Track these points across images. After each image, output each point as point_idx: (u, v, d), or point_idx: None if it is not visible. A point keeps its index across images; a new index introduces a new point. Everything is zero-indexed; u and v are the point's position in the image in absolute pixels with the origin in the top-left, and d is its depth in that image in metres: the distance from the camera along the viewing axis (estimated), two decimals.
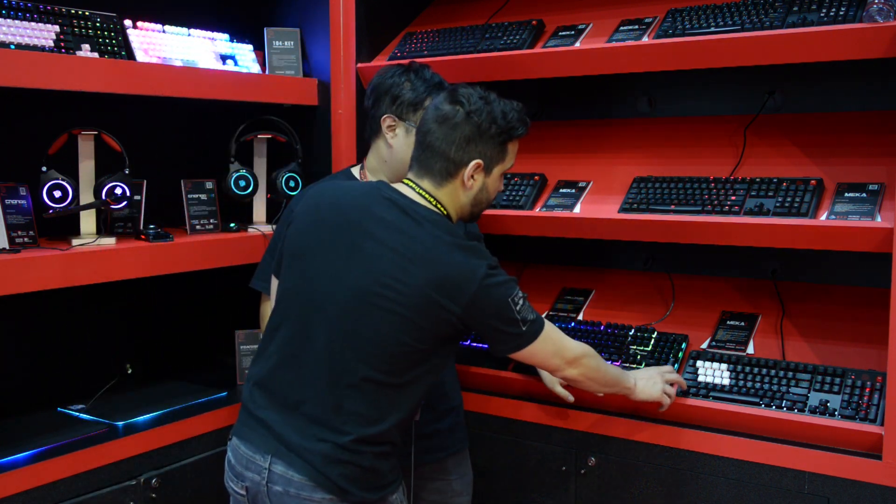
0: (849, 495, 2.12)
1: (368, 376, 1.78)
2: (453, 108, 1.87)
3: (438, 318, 1.78)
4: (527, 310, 1.87)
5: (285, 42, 2.90)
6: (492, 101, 1.89)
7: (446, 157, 1.87)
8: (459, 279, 1.78)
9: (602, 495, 2.46)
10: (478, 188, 1.92)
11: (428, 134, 1.88)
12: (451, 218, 1.92)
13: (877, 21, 2.07)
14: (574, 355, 2.00)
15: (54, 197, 2.25)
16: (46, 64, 2.12)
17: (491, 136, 1.87)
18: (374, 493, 1.83)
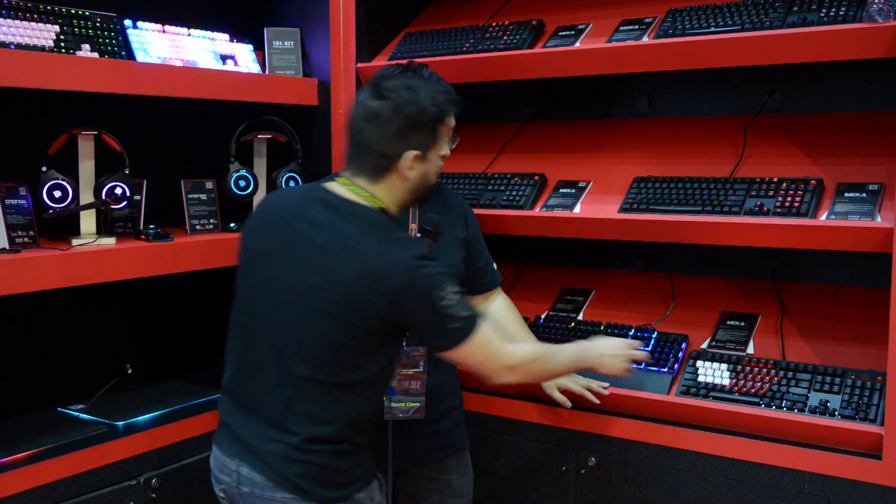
0: (849, 495, 2.12)
1: (312, 377, 1.79)
2: (381, 104, 1.82)
3: (367, 314, 1.76)
4: (459, 307, 1.79)
5: (285, 42, 2.90)
6: (417, 88, 1.84)
7: (380, 154, 1.83)
8: (383, 270, 1.74)
9: (602, 495, 2.46)
10: (418, 178, 1.88)
11: (358, 133, 1.85)
12: (389, 211, 1.88)
13: (877, 21, 2.07)
14: (514, 362, 1.89)
15: (54, 197, 2.25)
16: (46, 64, 2.12)
17: (423, 125, 1.83)
18: (336, 491, 1.83)
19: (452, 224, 2.35)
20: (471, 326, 1.82)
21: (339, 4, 2.83)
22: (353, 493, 1.85)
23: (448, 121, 1.91)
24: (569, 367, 2.08)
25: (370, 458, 1.94)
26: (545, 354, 2.01)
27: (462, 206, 2.43)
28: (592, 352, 2.09)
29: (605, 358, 2.09)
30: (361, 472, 1.89)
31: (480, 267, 2.43)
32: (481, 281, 2.44)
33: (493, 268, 2.49)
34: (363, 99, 1.86)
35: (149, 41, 2.51)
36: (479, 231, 2.45)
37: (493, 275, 2.48)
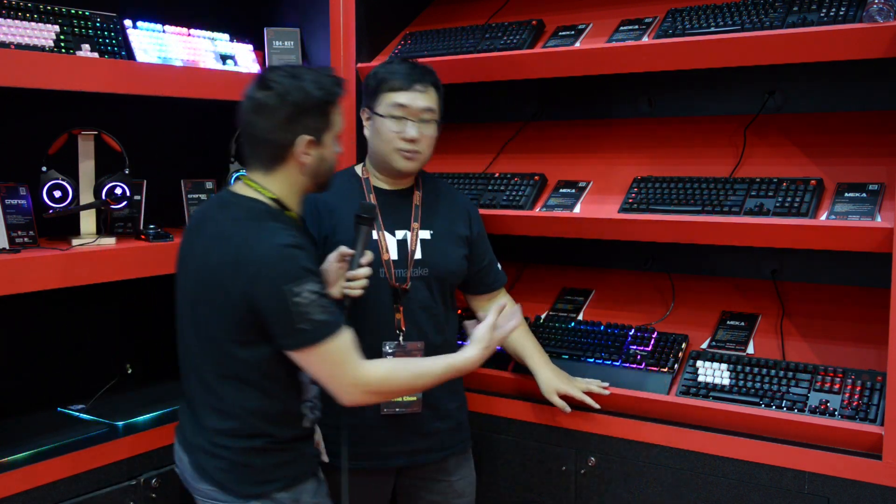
0: (849, 495, 2.12)
1: (210, 370, 1.84)
2: (266, 95, 1.83)
3: (232, 303, 1.77)
4: (314, 308, 1.73)
5: (285, 42, 2.90)
6: (301, 75, 1.85)
7: (272, 144, 1.84)
8: (244, 257, 1.75)
9: (602, 495, 2.46)
10: (315, 163, 1.88)
11: (248, 126, 1.86)
12: (283, 200, 1.87)
13: (877, 21, 2.07)
14: (364, 381, 1.81)
15: (54, 197, 2.25)
16: (46, 64, 2.12)
17: (310, 109, 1.84)
18: (253, 488, 1.84)
19: (454, 221, 2.35)
20: (321, 333, 1.75)
21: (339, 4, 2.84)
22: (272, 493, 1.85)
23: (338, 103, 1.91)
24: (437, 381, 1.94)
25: (306, 458, 1.94)
26: (405, 372, 1.90)
27: (466, 204, 2.44)
28: (461, 359, 1.96)
29: (476, 360, 1.97)
30: (285, 471, 1.87)
31: (484, 266, 2.43)
32: (484, 281, 2.44)
33: (498, 268, 2.49)
34: (250, 92, 1.87)
35: (149, 41, 2.51)
36: (483, 231, 2.45)
37: (496, 275, 2.48)
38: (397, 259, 2.25)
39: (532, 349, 2.45)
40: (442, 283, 2.30)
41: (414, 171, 2.29)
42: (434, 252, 2.28)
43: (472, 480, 2.43)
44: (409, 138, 2.21)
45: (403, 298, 2.23)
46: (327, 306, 1.77)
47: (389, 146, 2.24)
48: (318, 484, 1.97)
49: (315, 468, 1.98)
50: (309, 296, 1.73)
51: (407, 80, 2.23)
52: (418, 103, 2.21)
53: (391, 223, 2.28)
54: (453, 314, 2.40)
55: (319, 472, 2.00)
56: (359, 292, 2.05)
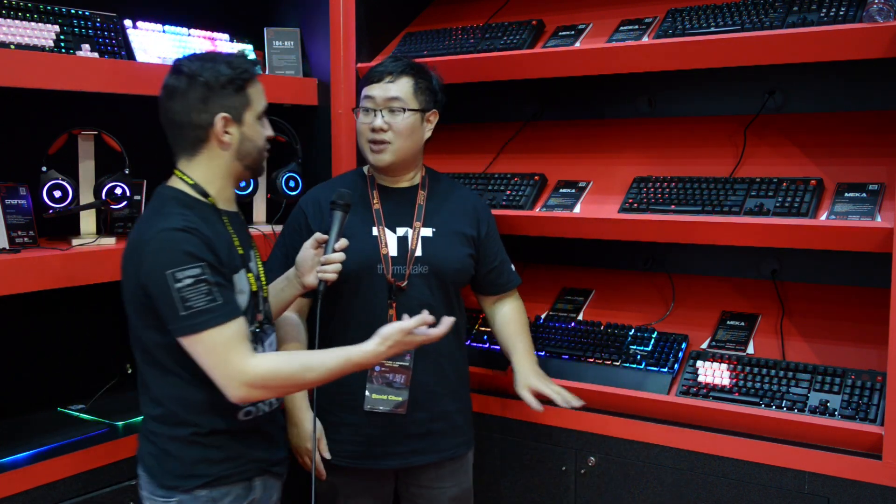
0: (849, 495, 2.12)
1: (139, 357, 1.86)
2: (177, 79, 1.83)
3: (131, 287, 1.78)
4: (196, 295, 1.69)
5: (285, 42, 2.90)
6: (213, 58, 1.86)
7: (191, 125, 1.83)
8: (137, 241, 1.77)
9: (602, 495, 2.46)
10: (237, 142, 1.86)
11: (167, 113, 1.86)
12: (203, 186, 1.86)
13: (877, 21, 2.07)
14: (249, 377, 1.74)
15: (54, 197, 2.25)
16: (46, 64, 2.12)
17: (223, 86, 1.82)
18: (175, 481, 1.83)
19: (460, 221, 2.33)
20: (204, 322, 1.71)
21: (339, 4, 2.83)
22: (194, 489, 1.82)
23: (254, 82, 1.89)
24: (332, 374, 1.83)
25: (238, 458, 1.87)
26: (294, 364, 1.83)
27: (476, 205, 2.40)
28: (359, 352, 1.86)
29: (375, 355, 1.87)
30: (208, 468, 1.83)
31: (495, 268, 2.40)
32: (496, 282, 2.43)
33: (510, 270, 2.46)
34: (165, 81, 1.87)
35: (149, 41, 2.51)
36: (495, 232, 2.43)
37: (508, 277, 2.45)
38: (396, 256, 2.25)
39: (521, 346, 2.42)
40: (443, 282, 2.28)
41: (388, 164, 2.24)
42: (435, 249, 2.27)
43: (468, 487, 2.39)
44: (374, 128, 2.21)
45: (399, 295, 2.23)
46: (214, 294, 1.72)
47: (362, 139, 2.26)
48: (247, 492, 1.89)
49: (251, 473, 1.90)
50: (189, 282, 1.70)
51: (377, 72, 2.24)
52: (385, 93, 2.21)
53: (393, 220, 2.28)
54: (458, 314, 2.35)
55: (259, 480, 1.92)
56: (332, 276, 2.02)
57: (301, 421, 2.24)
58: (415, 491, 2.34)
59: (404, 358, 2.21)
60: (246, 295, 1.88)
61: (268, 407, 1.95)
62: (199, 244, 1.74)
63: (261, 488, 1.93)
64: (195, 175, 1.87)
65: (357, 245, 2.23)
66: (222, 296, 1.75)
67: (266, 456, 1.94)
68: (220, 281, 1.76)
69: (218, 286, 1.74)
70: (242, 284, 1.87)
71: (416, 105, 2.23)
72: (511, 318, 2.45)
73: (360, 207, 2.28)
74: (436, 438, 2.29)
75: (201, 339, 1.72)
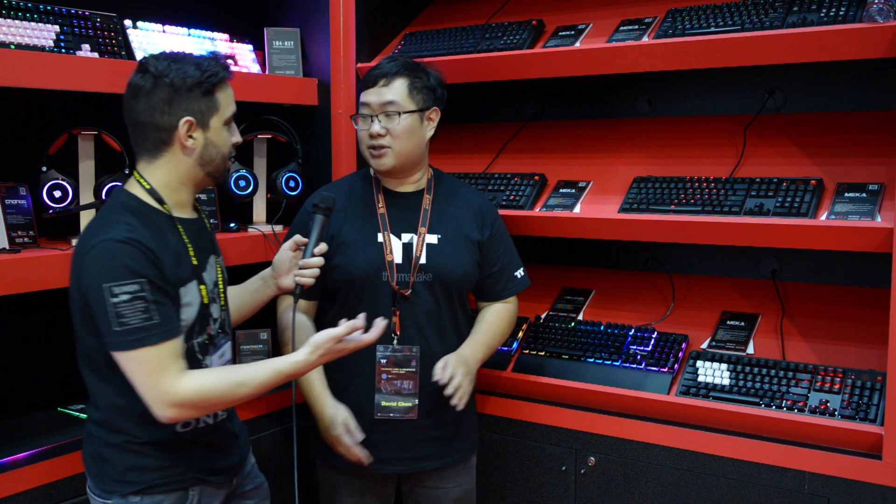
0: (849, 495, 2.12)
1: (82, 362, 1.84)
2: (142, 78, 1.77)
3: (75, 294, 1.76)
4: (131, 312, 1.66)
5: (285, 42, 2.90)
6: (183, 58, 1.79)
7: (154, 127, 1.78)
8: (80, 250, 1.73)
9: (602, 495, 2.46)
10: (201, 147, 1.81)
11: (131, 113, 1.80)
12: (161, 194, 1.81)
13: (877, 21, 2.07)
14: (178, 397, 1.70)
15: (54, 197, 2.25)
16: (46, 64, 2.12)
17: (190, 89, 1.77)
18: (108, 485, 1.81)
19: (465, 224, 2.30)
20: (136, 341, 1.67)
21: (339, 4, 2.83)
22: (128, 494, 1.80)
23: (223, 86, 1.84)
24: (263, 387, 1.80)
25: (173, 468, 1.84)
26: (224, 382, 1.77)
27: (482, 204, 2.36)
28: (288, 363, 1.82)
29: (304, 364, 1.83)
30: (140, 476, 1.81)
31: (493, 273, 2.34)
32: (492, 289, 2.36)
33: (513, 276, 2.38)
34: (129, 78, 1.82)
35: (149, 41, 2.50)
36: (500, 234, 2.37)
37: (505, 285, 2.37)
38: (401, 263, 2.23)
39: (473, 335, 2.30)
40: (448, 290, 2.25)
41: (390, 168, 2.23)
42: (440, 257, 2.24)
43: (470, 489, 2.39)
44: (371, 134, 2.20)
45: (403, 303, 2.21)
46: (150, 312, 1.68)
47: (363, 146, 2.25)
48: (181, 500, 1.85)
49: (187, 483, 1.85)
50: (126, 298, 1.66)
51: (371, 78, 2.23)
52: (379, 98, 2.20)
53: (398, 226, 2.26)
54: (464, 320, 2.33)
55: (195, 490, 1.87)
56: (309, 281, 2.00)
57: (321, 414, 2.21)
58: (418, 491, 2.34)
59: (410, 364, 2.20)
60: (195, 307, 1.82)
61: (211, 419, 1.90)
62: (140, 258, 1.69)
63: (197, 497, 1.88)
64: (153, 179, 1.82)
65: (362, 251, 2.22)
66: (159, 314, 1.70)
67: (206, 465, 1.90)
68: (160, 298, 1.71)
69: (156, 304, 1.70)
70: (191, 296, 1.82)
71: (413, 106, 2.22)
72: (484, 317, 2.35)
73: (366, 212, 2.27)
74: (441, 444, 2.28)
75: (132, 357, 1.69)
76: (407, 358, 2.20)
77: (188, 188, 1.87)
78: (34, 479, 2.03)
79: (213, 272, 1.93)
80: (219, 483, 1.94)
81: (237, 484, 2.02)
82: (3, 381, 2.43)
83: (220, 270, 1.97)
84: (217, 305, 1.93)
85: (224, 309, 1.95)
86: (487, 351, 2.31)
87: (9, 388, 2.44)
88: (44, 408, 2.42)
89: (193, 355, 1.85)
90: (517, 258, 2.41)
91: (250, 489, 2.07)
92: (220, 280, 1.95)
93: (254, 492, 2.08)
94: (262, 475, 2.15)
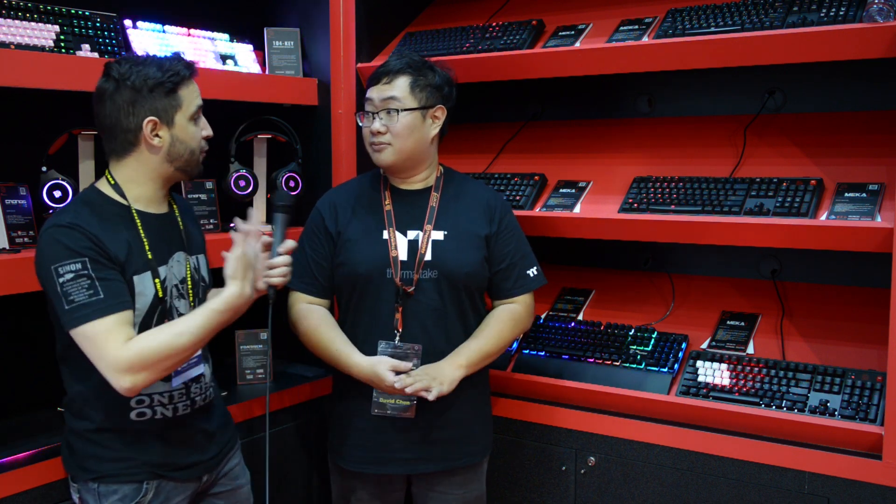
0: (849, 495, 2.12)
1: (57, 350, 1.89)
2: (105, 82, 1.84)
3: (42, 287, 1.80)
4: (75, 289, 1.72)
5: (285, 42, 2.90)
6: (144, 61, 1.85)
7: (121, 129, 1.84)
8: (39, 237, 1.79)
9: (602, 495, 2.46)
10: (167, 144, 1.86)
11: (98, 116, 1.86)
12: (124, 189, 1.87)
13: (877, 21, 2.07)
14: (125, 361, 1.72)
15: (54, 197, 2.25)
16: (46, 64, 2.12)
17: (151, 90, 1.82)
18: (76, 471, 1.90)
19: (473, 221, 2.27)
20: (83, 316, 1.72)
21: (339, 4, 2.83)
22: (87, 480, 1.88)
23: (187, 83, 1.88)
24: (204, 331, 1.80)
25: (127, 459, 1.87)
26: (163, 335, 1.78)
27: (491, 201, 2.31)
28: (221, 300, 1.82)
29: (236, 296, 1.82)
30: (95, 464, 1.87)
31: (503, 269, 2.29)
32: (502, 286, 2.30)
33: (521, 275, 2.31)
34: (97, 84, 1.87)
35: (149, 41, 2.50)
36: (510, 229, 2.31)
37: (517, 282, 2.30)
38: (406, 260, 2.22)
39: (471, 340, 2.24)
40: (454, 287, 2.22)
41: (391, 164, 2.22)
42: (445, 254, 2.21)
43: (480, 494, 2.37)
44: (372, 131, 2.21)
45: (407, 300, 2.20)
46: (95, 288, 1.73)
47: (366, 142, 2.26)
48: (136, 493, 1.88)
49: (142, 476, 1.88)
50: (70, 276, 1.72)
51: (376, 74, 2.24)
52: (381, 94, 2.20)
53: (404, 223, 2.25)
54: (473, 318, 2.29)
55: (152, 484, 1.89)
56: (278, 280, 1.99)
57: (356, 368, 2.16)
58: (428, 495, 2.32)
59: (410, 361, 2.19)
60: (147, 298, 1.85)
61: (170, 412, 1.92)
62: (79, 239, 1.75)
63: (153, 491, 1.90)
64: (119, 176, 1.88)
65: (367, 248, 2.22)
66: (104, 290, 1.74)
67: (162, 460, 1.91)
68: (104, 275, 1.75)
69: (101, 280, 1.74)
70: (143, 286, 1.85)
71: (414, 103, 2.21)
72: (487, 321, 2.29)
73: (372, 210, 2.27)
74: (447, 446, 2.25)
75: (83, 332, 1.73)
76: (408, 355, 2.19)
77: (157, 184, 1.92)
78: (34, 479, 2.03)
79: (181, 269, 1.95)
80: (182, 479, 1.95)
81: (209, 482, 2.03)
82: (3, 381, 2.43)
83: (192, 269, 1.97)
84: (185, 302, 1.94)
85: (195, 307, 1.95)
86: (480, 356, 2.23)
87: (9, 388, 2.44)
88: (44, 408, 2.42)
89: None
90: (531, 256, 2.35)
91: (225, 490, 2.07)
92: (188, 277, 1.96)
93: (229, 493, 2.08)
94: (246, 478, 2.14)
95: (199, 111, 1.92)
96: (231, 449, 2.10)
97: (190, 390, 1.96)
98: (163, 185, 1.93)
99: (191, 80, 1.89)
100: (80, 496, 1.92)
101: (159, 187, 1.93)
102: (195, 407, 1.98)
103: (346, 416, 2.28)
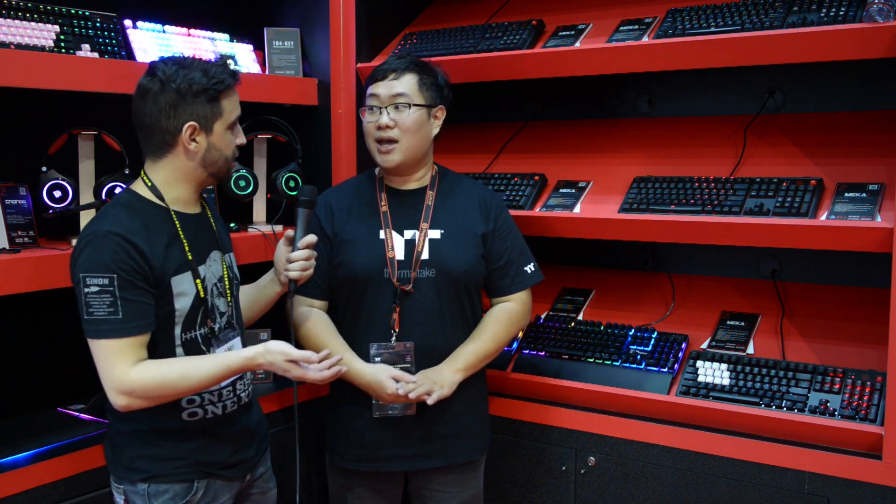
0: (849, 495, 2.12)
1: None
2: (150, 81, 1.84)
3: None
4: (99, 305, 1.74)
5: (285, 42, 2.90)
6: (190, 64, 1.85)
7: (160, 130, 1.84)
8: (77, 242, 1.81)
9: (602, 495, 2.46)
10: (204, 150, 1.87)
11: (137, 114, 1.86)
12: (162, 191, 1.87)
13: (877, 21, 2.07)
14: (128, 387, 1.76)
15: (54, 197, 2.25)
16: (46, 64, 2.12)
17: (195, 95, 1.83)
18: (123, 472, 1.89)
19: (469, 218, 2.27)
20: (97, 332, 1.75)
21: (339, 4, 2.84)
22: (136, 481, 1.87)
23: (229, 91, 1.88)
24: (210, 379, 1.83)
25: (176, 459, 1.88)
26: (172, 374, 1.80)
27: (486, 198, 2.31)
28: (237, 358, 1.84)
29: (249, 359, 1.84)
30: (151, 465, 1.87)
31: (500, 267, 2.29)
32: (500, 283, 2.30)
33: (518, 272, 2.31)
34: (139, 80, 1.87)
35: (149, 41, 2.50)
36: (506, 227, 2.32)
37: (515, 279, 2.30)
38: (403, 259, 2.22)
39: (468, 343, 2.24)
40: (452, 285, 2.22)
41: (397, 165, 2.21)
42: (442, 253, 2.22)
43: (478, 493, 2.37)
44: (380, 125, 2.19)
45: (405, 299, 2.21)
46: (116, 307, 1.74)
47: (369, 139, 2.24)
48: (186, 492, 1.88)
49: (193, 475, 1.89)
50: (95, 290, 1.73)
51: (381, 70, 2.23)
52: (389, 90, 2.19)
53: (400, 222, 2.25)
54: (473, 316, 2.29)
55: (202, 483, 1.90)
56: (297, 274, 2.02)
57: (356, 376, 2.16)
58: (425, 493, 2.32)
59: (405, 360, 2.20)
60: (189, 298, 1.87)
61: (220, 410, 1.94)
62: (118, 252, 1.74)
63: (203, 490, 1.91)
64: (156, 177, 1.89)
65: (364, 248, 2.22)
66: (124, 310, 1.75)
67: (211, 459, 1.92)
68: (129, 295, 1.75)
69: (125, 301, 1.75)
70: (185, 287, 1.86)
71: (422, 101, 2.21)
72: (483, 322, 2.29)
73: (369, 210, 2.27)
74: (445, 442, 2.26)
75: (95, 345, 1.77)
76: (401, 354, 2.19)
77: (190, 186, 1.93)
78: (34, 479, 2.03)
79: (218, 267, 1.97)
80: (229, 478, 1.96)
81: (250, 482, 2.04)
82: (3, 381, 2.43)
83: (227, 267, 2.00)
84: (223, 300, 1.96)
85: (231, 304, 1.99)
86: (478, 359, 2.24)
87: (9, 388, 2.44)
88: (44, 408, 2.42)
89: (197, 346, 1.90)
90: (528, 254, 2.35)
91: (257, 493, 2.08)
92: (225, 276, 1.98)
93: (260, 496, 2.09)
94: (274, 483, 2.15)
95: (237, 120, 1.93)
96: (266, 449, 2.12)
97: (236, 387, 1.98)
98: (196, 188, 1.94)
99: (233, 88, 1.90)
100: (126, 498, 1.89)
101: (194, 189, 1.94)
102: (241, 404, 2.00)
103: (344, 415, 2.28)
